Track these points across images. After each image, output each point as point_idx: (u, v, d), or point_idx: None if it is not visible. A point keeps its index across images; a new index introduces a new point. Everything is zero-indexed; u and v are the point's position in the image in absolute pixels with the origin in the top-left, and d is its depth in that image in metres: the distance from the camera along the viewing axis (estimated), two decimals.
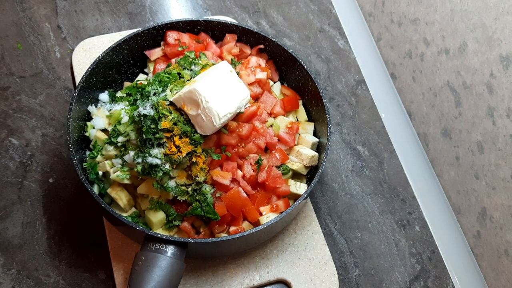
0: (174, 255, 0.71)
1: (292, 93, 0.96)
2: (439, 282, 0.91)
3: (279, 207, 0.83)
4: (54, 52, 1.06)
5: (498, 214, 0.87)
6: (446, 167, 1.01)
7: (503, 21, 0.80)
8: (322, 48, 1.15)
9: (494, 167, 0.87)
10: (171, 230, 0.81)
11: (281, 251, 0.87)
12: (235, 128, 0.82)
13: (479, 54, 0.87)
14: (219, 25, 0.96)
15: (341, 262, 0.90)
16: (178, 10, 1.17)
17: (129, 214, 0.83)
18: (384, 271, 0.91)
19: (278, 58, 0.97)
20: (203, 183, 0.80)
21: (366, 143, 1.04)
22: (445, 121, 0.99)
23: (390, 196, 0.99)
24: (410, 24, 1.06)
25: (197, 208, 0.79)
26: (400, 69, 1.13)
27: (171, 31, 0.94)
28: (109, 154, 0.83)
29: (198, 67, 0.86)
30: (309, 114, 0.95)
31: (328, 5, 1.22)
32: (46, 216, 0.88)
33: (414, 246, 0.94)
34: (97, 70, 0.87)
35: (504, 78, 0.82)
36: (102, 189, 0.82)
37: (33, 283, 0.82)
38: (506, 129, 0.83)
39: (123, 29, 1.11)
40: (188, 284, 0.83)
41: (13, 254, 0.84)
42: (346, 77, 1.12)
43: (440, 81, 0.99)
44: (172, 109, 0.78)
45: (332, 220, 0.95)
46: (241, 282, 0.84)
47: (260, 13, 1.18)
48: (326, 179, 0.99)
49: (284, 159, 0.86)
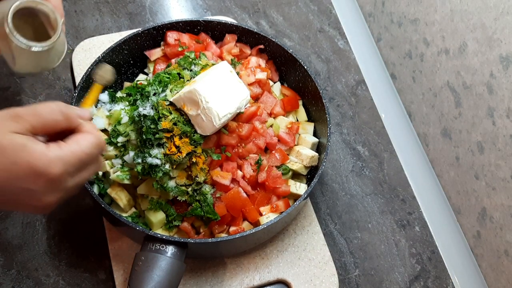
0: (174, 255, 0.71)
1: (292, 93, 0.96)
2: (439, 282, 0.91)
3: (279, 207, 0.83)
4: None
5: (498, 214, 0.87)
6: (446, 167, 1.01)
7: (503, 21, 0.80)
8: (322, 48, 1.15)
9: (494, 167, 0.87)
10: (171, 230, 0.81)
11: (281, 251, 0.87)
12: (235, 128, 0.82)
13: (479, 54, 0.87)
14: (219, 25, 0.96)
15: (341, 262, 0.91)
16: (178, 10, 1.17)
17: (129, 214, 0.83)
18: (384, 271, 0.91)
19: (278, 58, 0.97)
20: (203, 183, 0.80)
21: (366, 143, 1.04)
22: (445, 121, 0.99)
23: (390, 196, 0.99)
24: (410, 24, 1.06)
25: (197, 208, 0.79)
26: (400, 69, 1.13)
27: (171, 31, 0.94)
28: (109, 154, 0.83)
29: (198, 67, 0.86)
30: (309, 114, 0.96)
31: (328, 5, 1.22)
32: (46, 216, 0.88)
33: (414, 246, 0.94)
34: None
35: (504, 78, 0.82)
36: (102, 189, 0.82)
37: (33, 283, 0.82)
38: (506, 129, 0.83)
39: (123, 29, 1.11)
40: (188, 284, 0.83)
41: (13, 254, 0.84)
42: (346, 77, 1.12)
43: (440, 81, 0.99)
44: (172, 109, 0.78)
45: (332, 220, 0.95)
46: (241, 282, 0.84)
47: (260, 13, 1.18)
48: (326, 179, 0.99)
49: (284, 159, 0.86)
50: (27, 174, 0.50)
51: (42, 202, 0.53)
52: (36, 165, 0.50)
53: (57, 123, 0.55)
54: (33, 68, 0.76)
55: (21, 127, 0.51)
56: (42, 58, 0.74)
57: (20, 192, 0.51)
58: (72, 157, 0.54)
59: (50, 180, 0.51)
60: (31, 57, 0.73)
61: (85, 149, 0.55)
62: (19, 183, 0.51)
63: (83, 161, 0.55)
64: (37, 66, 0.76)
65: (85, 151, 0.55)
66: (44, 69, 0.77)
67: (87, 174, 0.58)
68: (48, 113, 0.54)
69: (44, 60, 0.75)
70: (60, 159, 0.52)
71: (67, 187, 0.55)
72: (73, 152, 0.54)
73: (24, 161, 0.50)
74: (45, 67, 0.77)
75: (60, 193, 0.54)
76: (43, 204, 0.53)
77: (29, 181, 0.51)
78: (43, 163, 0.51)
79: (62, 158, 0.52)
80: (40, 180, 0.51)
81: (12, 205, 0.55)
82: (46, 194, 0.52)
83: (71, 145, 0.54)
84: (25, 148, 0.50)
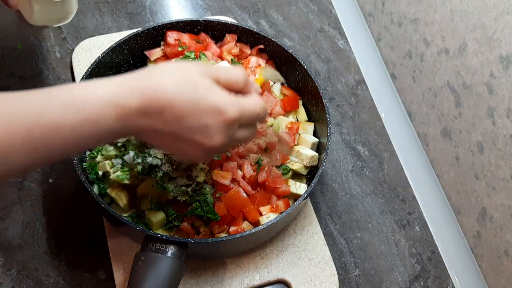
0: (174, 255, 0.71)
1: (292, 93, 0.96)
2: (439, 282, 0.91)
3: (279, 207, 0.83)
4: (54, 52, 1.06)
5: (498, 214, 0.87)
6: (446, 167, 1.01)
7: (503, 21, 0.80)
8: (322, 48, 1.15)
9: (494, 167, 0.87)
10: (171, 230, 0.81)
11: (281, 251, 0.87)
12: None
13: (479, 54, 0.87)
14: (219, 25, 0.96)
15: (341, 262, 0.91)
16: (178, 10, 1.17)
17: (129, 214, 0.83)
18: (384, 271, 0.91)
19: (278, 58, 0.97)
20: (203, 183, 0.80)
21: (366, 143, 1.04)
22: (445, 121, 0.99)
23: (390, 196, 0.99)
24: (410, 24, 1.06)
25: (197, 208, 0.79)
26: (400, 69, 1.13)
27: (171, 31, 0.94)
28: (109, 154, 0.83)
29: None
30: (309, 114, 0.96)
31: (328, 5, 1.22)
32: (46, 216, 0.88)
33: (414, 246, 0.94)
34: (97, 70, 0.87)
35: (504, 78, 0.82)
36: (102, 189, 0.82)
37: (33, 283, 0.82)
38: (506, 129, 0.83)
39: (123, 29, 1.11)
40: (188, 284, 0.83)
41: (13, 254, 0.84)
42: (346, 77, 1.12)
43: (440, 81, 0.99)
44: None
45: (332, 220, 0.95)
46: (241, 282, 0.84)
47: (260, 13, 1.18)
48: (326, 179, 0.99)
49: (284, 159, 0.86)
50: (210, 110, 0.56)
51: (212, 141, 0.58)
52: (219, 104, 0.57)
53: (238, 83, 0.61)
54: (48, 20, 0.84)
55: (210, 74, 0.59)
56: (57, 10, 0.82)
57: (198, 127, 0.57)
58: (247, 108, 0.61)
59: (226, 121, 0.57)
60: (47, 9, 0.80)
61: (256, 107, 0.62)
62: (201, 116, 0.56)
63: (252, 117, 0.62)
64: (52, 19, 0.84)
65: (256, 108, 0.62)
66: (58, 22, 0.85)
67: (248, 133, 0.64)
68: (233, 72, 0.61)
69: (58, 13, 0.83)
70: (239, 106, 0.59)
71: (234, 135, 0.61)
72: (248, 105, 0.61)
73: (210, 98, 0.57)
74: (58, 20, 0.85)
75: (226, 138, 0.59)
76: (212, 144, 0.58)
77: (210, 116, 0.57)
78: (225, 104, 0.57)
79: (240, 106, 0.59)
80: (218, 117, 0.57)
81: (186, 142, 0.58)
82: (218, 133, 0.58)
83: (247, 100, 0.62)
84: (213, 89, 0.58)
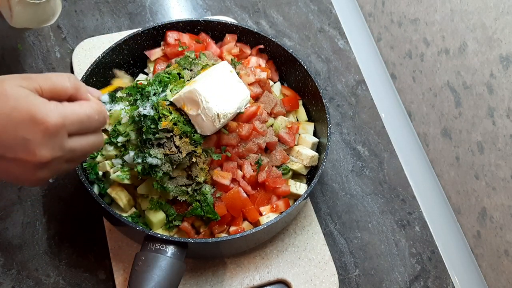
0: (174, 255, 0.71)
1: (292, 93, 0.96)
2: (439, 282, 0.91)
3: (279, 207, 0.83)
4: (54, 52, 1.06)
5: (498, 214, 0.87)
6: (446, 167, 1.01)
7: (503, 21, 0.80)
8: (322, 48, 1.15)
9: (494, 167, 0.87)
10: (171, 230, 0.81)
11: (281, 251, 0.87)
12: (235, 128, 0.82)
13: (479, 54, 0.87)
14: (219, 25, 0.96)
15: (341, 262, 0.91)
16: (178, 10, 1.17)
17: (129, 214, 0.83)
18: (384, 271, 0.91)
19: (278, 58, 0.97)
20: (203, 183, 0.80)
21: (366, 143, 1.04)
22: (445, 121, 0.99)
23: (390, 196, 0.99)
24: (410, 24, 1.06)
25: (197, 208, 0.79)
26: (400, 69, 1.13)
27: (171, 31, 0.94)
28: (109, 154, 0.83)
29: (198, 67, 0.86)
30: (309, 114, 0.96)
31: (328, 5, 1.22)
32: (46, 216, 0.88)
33: (414, 246, 0.94)
34: (97, 70, 0.87)
35: (504, 78, 0.82)
36: (102, 189, 0.82)
37: (33, 283, 0.82)
38: (506, 129, 0.83)
39: (123, 29, 1.11)
40: (188, 284, 0.83)
41: (13, 254, 0.84)
42: (346, 77, 1.12)
43: (440, 81, 0.99)
44: (172, 109, 0.78)
45: (332, 220, 0.95)
46: (241, 282, 0.84)
47: (260, 13, 1.18)
48: (326, 179, 0.99)
49: (284, 159, 0.86)
50: (25, 121, 0.50)
51: (37, 156, 0.51)
52: (35, 112, 0.51)
53: (65, 89, 0.55)
54: (30, 23, 0.81)
55: (28, 84, 0.53)
56: (38, 12, 0.79)
57: (16, 143, 0.51)
58: (71, 114, 0.54)
59: (47, 130, 0.51)
60: (28, 11, 0.76)
61: (86, 110, 0.56)
62: (16, 130, 0.51)
63: (83, 122, 0.55)
64: (33, 21, 0.81)
65: (86, 112, 0.56)
66: (39, 24, 0.82)
67: (86, 142, 0.57)
68: (57, 78, 0.55)
69: (40, 15, 0.80)
70: (59, 112, 0.53)
71: (63, 146, 0.54)
72: (73, 110, 0.55)
73: (24, 107, 0.51)
74: (40, 22, 0.82)
75: (55, 150, 0.53)
76: (37, 159, 0.52)
77: (26, 128, 0.51)
78: (42, 111, 0.51)
79: (62, 112, 0.53)
80: (36, 128, 0.51)
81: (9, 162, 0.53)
82: (41, 145, 0.51)
83: (73, 104, 0.56)
84: (27, 98, 0.51)
